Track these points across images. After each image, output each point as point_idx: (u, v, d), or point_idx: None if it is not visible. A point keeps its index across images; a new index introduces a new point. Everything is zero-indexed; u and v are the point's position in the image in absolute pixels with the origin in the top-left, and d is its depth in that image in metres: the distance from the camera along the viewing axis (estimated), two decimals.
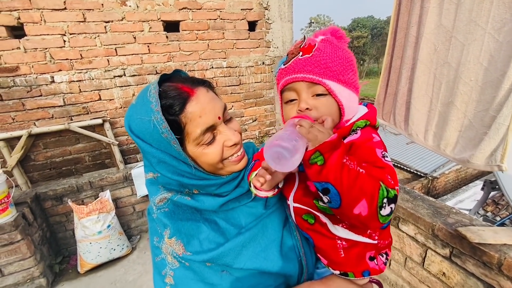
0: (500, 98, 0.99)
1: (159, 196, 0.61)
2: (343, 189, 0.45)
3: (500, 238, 1.31)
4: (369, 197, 0.45)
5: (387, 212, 0.47)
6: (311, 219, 0.61)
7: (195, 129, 0.54)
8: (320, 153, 0.46)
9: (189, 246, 0.57)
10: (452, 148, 1.25)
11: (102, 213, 2.27)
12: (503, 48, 0.97)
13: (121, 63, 2.57)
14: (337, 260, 0.59)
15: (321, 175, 0.47)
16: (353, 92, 0.60)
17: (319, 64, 0.55)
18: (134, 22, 2.50)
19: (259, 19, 3.04)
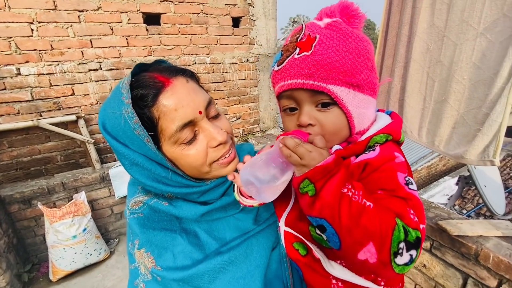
0: (492, 96, 1.04)
1: (135, 199, 0.55)
2: (341, 229, 0.36)
3: (476, 230, 1.38)
4: (377, 241, 0.35)
5: (405, 260, 0.35)
6: (302, 250, 0.50)
7: (170, 124, 0.46)
8: (310, 181, 0.37)
9: (160, 260, 0.50)
10: (446, 144, 1.31)
11: (77, 216, 2.12)
12: (496, 47, 1.03)
13: (97, 56, 2.41)
14: None
15: (314, 208, 0.37)
16: (369, 95, 0.48)
17: (321, 63, 0.43)
18: (111, 12, 2.36)
19: (243, 15, 3.00)
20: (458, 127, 1.20)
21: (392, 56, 1.45)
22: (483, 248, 1.29)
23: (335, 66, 0.43)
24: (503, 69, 0.98)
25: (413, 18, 1.28)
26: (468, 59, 1.10)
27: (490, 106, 1.05)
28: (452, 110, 1.21)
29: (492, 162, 1.11)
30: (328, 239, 0.38)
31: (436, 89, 1.27)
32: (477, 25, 1.05)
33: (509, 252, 1.25)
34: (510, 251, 1.26)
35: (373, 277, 0.46)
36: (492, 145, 1.09)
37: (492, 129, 1.06)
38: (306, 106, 0.46)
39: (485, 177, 1.94)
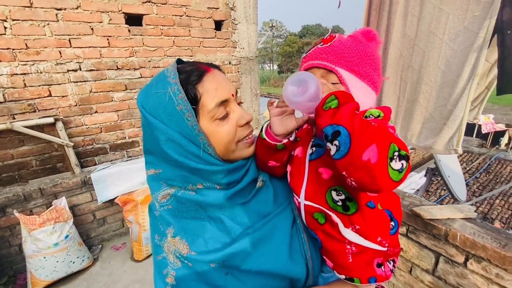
0: (455, 95, 1.23)
1: (162, 192, 0.59)
2: (354, 130, 0.43)
3: (445, 214, 1.58)
4: (380, 143, 0.42)
5: (398, 166, 0.42)
6: (321, 219, 0.58)
7: (210, 101, 0.54)
8: (336, 97, 0.47)
9: (194, 246, 0.55)
10: (417, 138, 1.49)
11: (58, 222, 2.03)
12: (458, 54, 1.21)
13: (76, 56, 2.33)
14: (344, 264, 0.57)
15: (334, 117, 0.45)
16: (369, 86, 0.60)
17: (335, 52, 0.58)
18: (91, 12, 2.30)
19: (225, 19, 3.06)
20: (427, 122, 1.39)
21: None
22: (451, 229, 1.48)
23: (344, 55, 0.57)
24: (464, 73, 1.16)
25: (389, 28, 1.45)
26: (435, 64, 1.29)
27: (454, 104, 1.24)
28: (422, 108, 1.39)
29: (456, 150, 1.30)
30: (340, 143, 0.44)
31: (408, 90, 1.45)
32: (442, 35, 1.23)
33: (473, 231, 1.45)
34: (474, 230, 1.46)
35: (378, 240, 0.55)
36: (455, 136, 1.27)
37: (456, 123, 1.25)
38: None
39: (449, 169, 2.20)
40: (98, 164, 2.65)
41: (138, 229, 2.33)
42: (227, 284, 0.55)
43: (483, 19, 1.12)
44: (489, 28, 1.10)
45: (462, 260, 1.46)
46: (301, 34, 45.49)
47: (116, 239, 2.67)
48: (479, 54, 1.14)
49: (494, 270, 1.34)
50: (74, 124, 2.46)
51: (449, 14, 1.18)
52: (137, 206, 2.33)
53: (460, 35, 1.19)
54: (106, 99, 2.56)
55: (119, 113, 2.67)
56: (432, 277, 1.64)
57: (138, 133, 2.83)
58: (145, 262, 2.36)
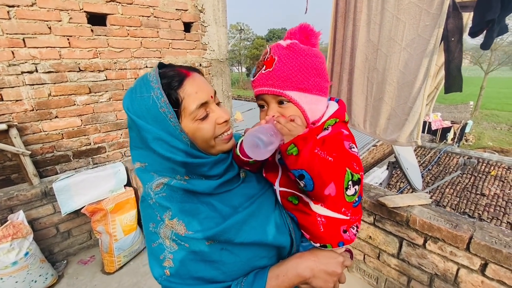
0: (413, 94, 1.39)
1: (156, 182, 0.62)
2: (314, 174, 0.53)
3: (406, 202, 1.75)
4: (336, 181, 0.53)
5: (352, 192, 0.56)
6: (295, 200, 0.68)
7: (191, 103, 0.59)
8: (295, 145, 0.54)
9: (190, 226, 0.59)
10: (384, 132, 1.65)
11: (16, 239, 1.85)
12: (414, 58, 1.37)
13: (32, 57, 2.15)
14: (317, 234, 0.66)
15: (297, 163, 0.54)
16: (317, 95, 0.65)
17: (279, 77, 0.61)
18: (48, 9, 2.14)
19: (195, 21, 3.04)
20: (391, 118, 1.55)
21: (340, 63, 1.76)
22: (412, 215, 1.65)
23: (288, 77, 0.61)
24: (420, 74, 1.33)
25: (354, 33, 1.59)
26: (396, 67, 1.45)
27: (413, 101, 1.40)
28: (387, 105, 1.54)
29: (416, 142, 1.47)
30: (306, 183, 0.55)
31: (375, 90, 1.60)
32: (400, 41, 1.39)
33: (429, 215, 1.63)
34: (430, 214, 1.64)
35: (342, 211, 0.65)
36: (415, 129, 1.44)
37: (415, 118, 1.42)
38: (271, 104, 0.65)
39: (407, 162, 2.44)
40: (60, 173, 2.46)
41: (109, 239, 2.21)
42: (223, 258, 0.61)
43: (433, 28, 1.30)
44: (438, 36, 1.28)
45: (421, 242, 1.64)
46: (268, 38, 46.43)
47: (83, 252, 2.49)
48: (431, 58, 1.32)
49: (448, 248, 1.52)
50: (31, 131, 2.26)
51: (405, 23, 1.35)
52: (106, 215, 2.21)
53: (415, 41, 1.36)
54: (67, 103, 2.39)
55: (82, 117, 2.51)
56: (397, 260, 1.81)
57: (104, 138, 2.69)
58: (117, 273, 2.24)
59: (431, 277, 1.66)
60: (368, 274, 2.04)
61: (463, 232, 1.46)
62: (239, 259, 0.62)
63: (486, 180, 8.00)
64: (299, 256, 0.67)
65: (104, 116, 2.64)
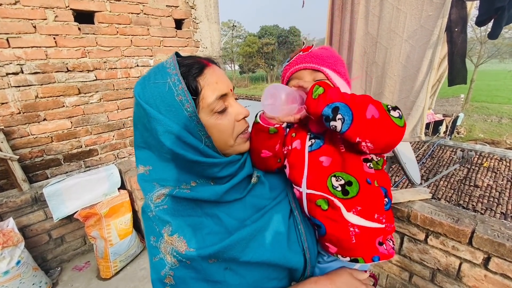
0: (416, 87, 1.36)
1: (157, 193, 0.57)
2: (348, 100, 0.52)
3: (406, 197, 1.73)
4: (373, 102, 0.53)
5: (397, 114, 0.52)
6: (324, 205, 0.60)
7: (211, 93, 0.55)
8: (319, 85, 0.56)
9: (191, 243, 0.54)
10: None
11: (7, 247, 1.77)
12: (416, 50, 1.34)
13: (17, 57, 2.06)
14: (348, 246, 0.60)
15: (326, 98, 0.53)
16: (346, 83, 0.70)
17: (317, 56, 0.68)
18: (32, 8, 2.05)
19: (186, 17, 2.97)
20: None
21: None
22: (412, 210, 1.63)
23: (325, 58, 0.67)
24: (423, 67, 1.30)
25: (352, 27, 1.55)
26: (397, 60, 1.42)
27: (415, 95, 1.37)
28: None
29: (420, 137, 1.44)
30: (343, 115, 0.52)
31: (374, 84, 1.56)
32: (401, 33, 1.36)
33: (430, 210, 1.61)
34: (431, 209, 1.63)
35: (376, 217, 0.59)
36: (418, 124, 1.42)
37: (418, 113, 1.39)
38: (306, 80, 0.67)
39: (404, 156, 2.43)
40: (51, 178, 2.38)
41: (104, 244, 2.15)
42: (226, 279, 0.55)
43: (436, 18, 1.27)
44: (442, 27, 1.25)
45: (423, 238, 1.62)
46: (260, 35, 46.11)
47: (78, 258, 2.42)
48: (435, 50, 1.29)
49: (450, 243, 1.51)
50: (18, 135, 2.18)
51: (407, 13, 1.31)
52: (101, 219, 2.15)
53: (417, 33, 1.33)
54: (56, 104, 2.31)
55: (72, 119, 2.43)
56: (398, 256, 1.79)
57: (96, 140, 2.61)
58: (114, 279, 2.19)
59: (433, 272, 1.65)
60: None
61: (465, 226, 1.44)
62: (245, 281, 0.56)
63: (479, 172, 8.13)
64: (314, 281, 0.60)
65: (95, 118, 2.56)
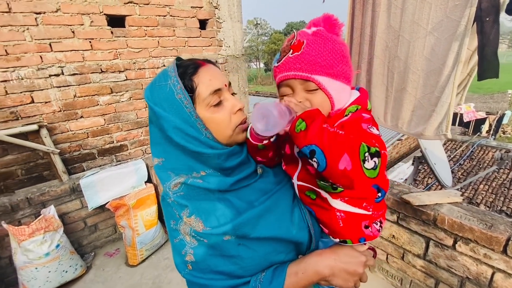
0: (442, 82, 1.28)
1: (173, 182, 0.64)
2: (325, 146, 0.50)
3: (433, 199, 1.63)
4: (349, 151, 0.48)
5: (371, 165, 0.49)
6: (313, 195, 0.66)
7: (205, 89, 0.60)
8: (302, 119, 0.54)
9: (207, 222, 0.61)
10: (408, 125, 1.55)
11: (48, 232, 1.98)
12: (442, 43, 1.26)
13: (58, 60, 2.27)
14: (336, 229, 0.64)
15: (306, 138, 0.52)
16: (344, 83, 0.63)
17: (308, 61, 0.59)
18: (71, 14, 2.24)
19: (210, 17, 3.04)
20: (416, 110, 1.44)
21: (358, 53, 1.66)
22: (439, 213, 1.54)
23: (317, 61, 0.59)
24: (449, 60, 1.22)
25: (373, 20, 1.49)
26: (420, 53, 1.33)
27: (441, 91, 1.29)
28: (411, 96, 1.43)
29: (446, 135, 1.36)
30: (318, 160, 0.51)
31: (396, 80, 1.49)
32: (426, 25, 1.28)
33: (459, 214, 1.51)
34: (460, 213, 1.52)
35: (364, 206, 0.62)
36: (444, 122, 1.33)
37: (444, 109, 1.30)
38: (298, 90, 0.62)
39: (434, 156, 2.28)
40: (87, 170, 2.60)
41: (132, 233, 2.30)
42: (240, 253, 0.62)
43: (463, 7, 1.17)
44: (469, 16, 1.15)
45: (451, 243, 1.53)
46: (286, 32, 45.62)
47: (109, 245, 2.62)
48: (462, 42, 1.19)
49: (482, 250, 1.40)
50: (59, 130, 2.40)
51: (431, 4, 1.23)
52: (129, 210, 2.30)
53: (442, 24, 1.24)
54: (91, 103, 2.51)
55: (105, 117, 2.62)
56: (423, 261, 1.70)
57: (126, 136, 2.79)
58: (140, 266, 2.34)
59: (461, 280, 1.55)
60: (392, 275, 1.95)
61: (499, 233, 1.33)
62: (257, 254, 0.63)
63: None
64: (319, 254, 0.65)
65: (125, 115, 2.73)
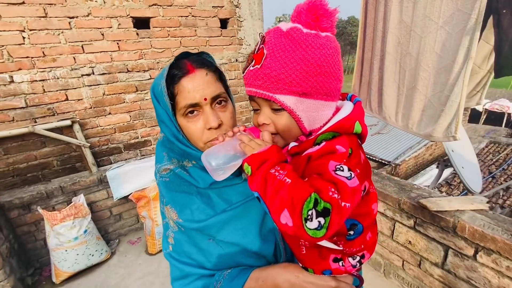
0: (451, 80, 1.19)
1: (164, 166, 0.69)
2: (266, 197, 0.46)
3: (453, 205, 1.52)
4: (290, 207, 0.43)
5: (315, 226, 0.41)
6: None
7: (182, 100, 0.61)
8: (248, 164, 0.49)
9: (181, 214, 0.65)
10: (417, 126, 1.46)
11: (77, 218, 2.17)
12: (453, 38, 1.17)
13: (89, 61, 2.46)
14: (299, 255, 0.59)
15: (251, 184, 0.49)
16: (320, 100, 0.52)
17: (270, 76, 0.49)
18: (101, 18, 2.41)
19: (231, 16, 3.09)
20: (426, 110, 1.35)
21: (371, 50, 1.59)
22: (460, 221, 1.43)
23: (280, 78, 0.48)
24: (459, 56, 1.12)
25: (386, 15, 1.41)
26: (431, 49, 1.25)
27: (450, 89, 1.19)
28: (421, 95, 1.35)
29: (454, 137, 1.25)
30: (263, 206, 0.48)
31: (407, 78, 1.41)
32: (437, 19, 1.19)
33: (482, 223, 1.39)
34: (484, 221, 1.40)
35: (334, 239, 0.54)
36: (453, 123, 1.23)
37: (453, 109, 1.21)
38: (263, 108, 0.55)
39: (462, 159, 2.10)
40: (114, 163, 2.79)
41: (151, 224, 2.43)
42: (209, 248, 0.65)
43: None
44: (480, 9, 1.04)
45: (471, 253, 1.41)
46: None
47: (132, 234, 2.80)
48: (472, 36, 1.08)
49: (505, 262, 1.28)
50: (90, 126, 2.61)
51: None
52: (149, 202, 2.44)
53: (454, 17, 1.14)
54: (118, 100, 2.69)
55: (131, 113, 2.79)
56: (441, 270, 1.60)
57: (149, 132, 2.95)
58: (158, 255, 2.47)
59: None
60: (408, 283, 1.85)
61: None
62: (224, 253, 0.64)
63: None
64: (284, 266, 0.61)
65: (149, 112, 2.89)
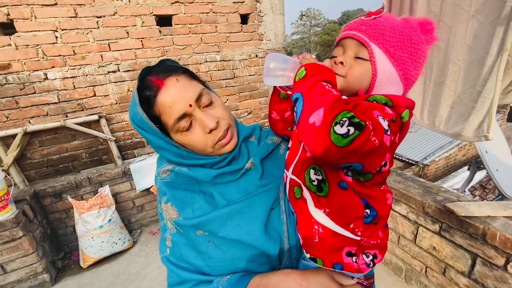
0: (484, 74, 1.08)
1: (163, 168, 0.67)
2: (308, 95, 0.46)
3: (484, 211, 1.40)
4: (328, 107, 0.43)
5: (343, 131, 0.40)
6: (298, 193, 0.59)
7: (168, 119, 0.57)
8: (305, 69, 0.50)
9: (182, 212, 0.62)
10: (445, 124, 1.35)
11: (102, 207, 2.30)
12: (486, 28, 1.05)
13: (115, 59, 2.57)
14: (311, 243, 0.55)
15: (298, 86, 0.49)
16: (398, 74, 0.54)
17: (375, 26, 0.53)
18: (126, 16, 2.50)
19: (251, 12, 3.07)
20: (455, 107, 1.24)
21: None
22: (490, 228, 1.32)
23: (384, 32, 0.52)
24: (492, 48, 1.01)
25: (412, 5, 1.32)
26: (462, 40, 1.14)
27: (483, 84, 1.08)
28: (450, 90, 1.24)
29: (486, 137, 1.14)
30: (296, 108, 0.48)
31: (435, 72, 1.30)
32: (468, 7, 1.08)
33: None
34: None
35: (351, 227, 0.52)
36: (485, 121, 1.12)
37: (485, 106, 1.09)
38: (348, 52, 0.56)
39: (497, 161, 1.92)
40: (137, 157, 2.91)
41: None
42: (209, 251, 0.61)
43: None
44: None
45: (502, 263, 1.30)
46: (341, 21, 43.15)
47: (153, 225, 2.92)
48: (508, 26, 0.96)
49: None
50: (116, 121, 2.74)
51: None
52: None
53: (487, 5, 1.02)
54: None
55: None
56: (468, 280, 1.49)
57: None
58: None
59: None
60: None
61: None
62: (224, 256, 0.60)
63: None
64: (285, 273, 0.58)
65: None
